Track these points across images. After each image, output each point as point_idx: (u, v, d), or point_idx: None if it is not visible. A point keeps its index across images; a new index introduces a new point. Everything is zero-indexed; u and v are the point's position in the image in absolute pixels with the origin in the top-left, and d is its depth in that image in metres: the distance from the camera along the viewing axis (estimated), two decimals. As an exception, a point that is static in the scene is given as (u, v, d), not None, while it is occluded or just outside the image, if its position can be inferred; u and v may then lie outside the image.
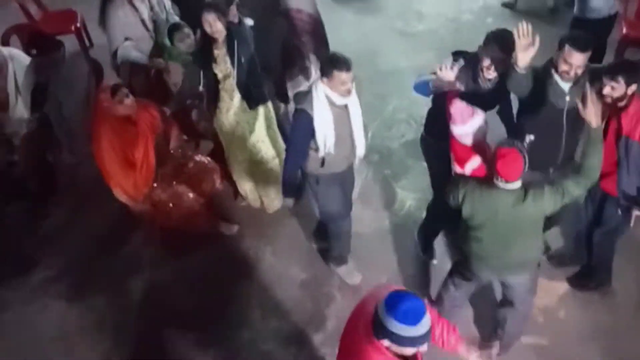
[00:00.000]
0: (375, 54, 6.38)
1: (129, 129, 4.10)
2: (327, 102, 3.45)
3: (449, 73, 3.45)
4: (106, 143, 4.01)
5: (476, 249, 3.27)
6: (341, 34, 6.21)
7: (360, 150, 3.75)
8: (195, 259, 4.41)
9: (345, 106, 3.53)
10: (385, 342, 2.28)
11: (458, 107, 3.40)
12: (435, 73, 3.51)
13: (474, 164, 3.41)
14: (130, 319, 4.11)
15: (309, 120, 3.47)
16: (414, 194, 4.79)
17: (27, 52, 4.73)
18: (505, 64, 3.44)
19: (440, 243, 4.39)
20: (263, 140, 4.41)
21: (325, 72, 3.39)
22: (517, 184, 3.03)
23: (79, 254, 4.53)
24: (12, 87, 4.51)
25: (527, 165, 2.98)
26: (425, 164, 4.19)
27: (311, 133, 3.51)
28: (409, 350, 2.30)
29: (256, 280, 4.28)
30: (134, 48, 4.65)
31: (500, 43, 3.42)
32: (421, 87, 3.63)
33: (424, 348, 2.30)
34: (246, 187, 4.64)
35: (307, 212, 4.34)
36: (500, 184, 3.02)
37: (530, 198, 3.03)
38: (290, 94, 4.71)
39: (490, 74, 3.51)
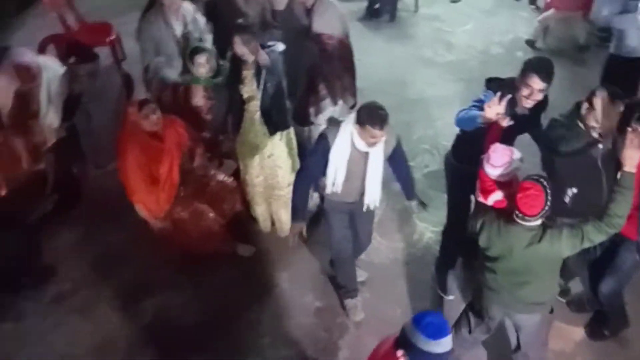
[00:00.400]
0: (403, 82, 6.39)
1: (155, 145, 4.16)
2: (349, 142, 3.49)
3: (497, 108, 3.34)
4: (132, 158, 4.07)
5: (490, 280, 3.25)
6: (371, 60, 6.25)
7: (370, 199, 3.70)
8: (210, 280, 4.38)
9: (367, 153, 3.54)
10: (399, 355, 2.28)
11: (499, 151, 3.25)
12: (482, 109, 3.40)
13: (497, 196, 3.35)
14: (142, 338, 4.07)
15: (327, 147, 3.53)
16: (434, 227, 4.73)
17: (64, 62, 4.80)
18: (542, 93, 3.42)
19: (457, 279, 4.35)
20: (281, 165, 4.43)
21: (359, 121, 3.41)
22: (536, 222, 2.97)
23: (95, 269, 4.50)
24: (44, 96, 4.56)
25: (549, 203, 2.91)
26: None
27: (326, 160, 3.55)
28: None
29: (269, 306, 4.24)
30: (166, 64, 4.71)
31: (540, 72, 3.39)
32: (465, 122, 3.53)
33: None
34: (258, 209, 4.64)
35: (325, 239, 4.31)
36: (519, 219, 2.97)
37: (547, 238, 2.98)
38: (314, 119, 4.72)
39: (529, 102, 3.47)
